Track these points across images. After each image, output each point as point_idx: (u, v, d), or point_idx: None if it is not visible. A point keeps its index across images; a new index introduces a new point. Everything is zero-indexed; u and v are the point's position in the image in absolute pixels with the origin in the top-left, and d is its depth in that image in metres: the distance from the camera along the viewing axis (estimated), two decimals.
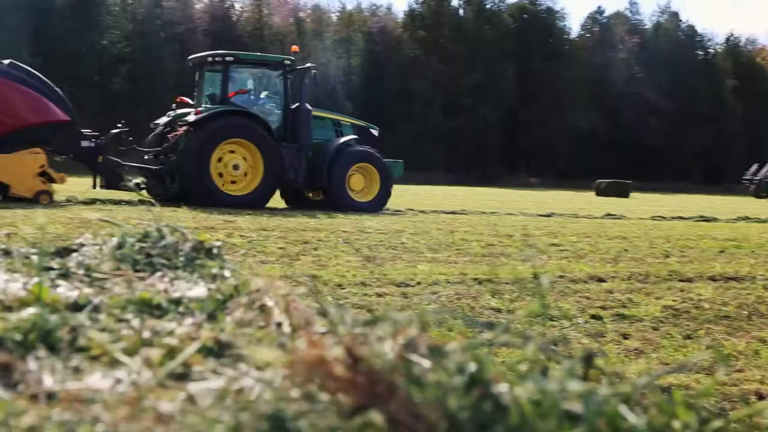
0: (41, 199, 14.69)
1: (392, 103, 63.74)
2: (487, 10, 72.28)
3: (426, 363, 0.61)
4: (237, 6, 72.21)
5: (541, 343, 0.70)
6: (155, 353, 0.89)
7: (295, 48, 18.45)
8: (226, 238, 10.20)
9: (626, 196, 40.20)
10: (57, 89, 15.95)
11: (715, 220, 19.81)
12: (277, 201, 18.65)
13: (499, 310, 6.26)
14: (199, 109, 16.64)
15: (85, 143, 15.96)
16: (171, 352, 0.90)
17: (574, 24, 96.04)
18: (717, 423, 0.60)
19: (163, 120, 17.65)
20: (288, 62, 17.69)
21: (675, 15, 78.40)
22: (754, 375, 4.66)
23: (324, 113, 18.58)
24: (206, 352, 0.89)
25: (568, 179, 59.12)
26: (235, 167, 16.33)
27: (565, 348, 5.05)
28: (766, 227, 17.91)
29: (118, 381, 0.81)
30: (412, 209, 18.87)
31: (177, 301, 1.22)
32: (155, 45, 60.96)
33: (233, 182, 16.43)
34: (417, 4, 71.72)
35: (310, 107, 17.44)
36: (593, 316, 6.23)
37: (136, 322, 1.08)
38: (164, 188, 16.50)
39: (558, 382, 0.59)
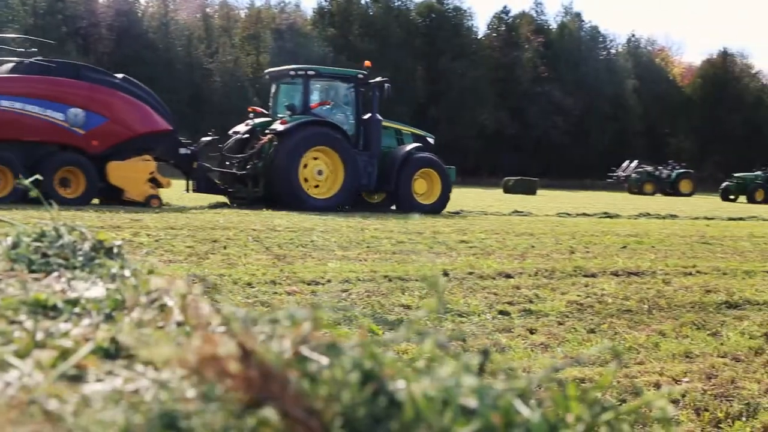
0: (152, 202, 16.21)
1: None
2: (396, 9, 72.62)
3: (321, 359, 0.60)
4: (142, 0, 70.87)
5: (440, 338, 0.70)
6: (48, 355, 0.86)
7: (368, 63, 19.58)
8: (132, 237, 10.01)
9: (533, 193, 40.94)
10: (160, 100, 17.46)
11: (617, 216, 20.37)
12: (195, 200, 18.38)
13: (408, 307, 6.30)
14: (285, 119, 17.75)
15: (183, 150, 17.39)
16: (65, 354, 0.87)
17: (480, 23, 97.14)
18: (608, 415, 0.61)
19: (241, 128, 18.84)
20: (361, 76, 18.99)
21: (578, 16, 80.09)
22: (654, 367, 4.80)
23: (387, 123, 19.55)
24: (102, 353, 0.86)
25: (476, 177, 59.82)
26: (320, 173, 17.74)
27: (465, 343, 5.10)
28: (665, 223, 18.47)
29: (8, 384, 0.78)
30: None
31: (74, 302, 1.19)
32: (57, 40, 59.28)
33: (316, 186, 17.78)
34: (326, 1, 71.64)
35: (380, 117, 18.80)
36: (501, 312, 6.32)
37: (29, 324, 1.05)
38: (248, 192, 17.93)
39: (454, 377, 0.59)
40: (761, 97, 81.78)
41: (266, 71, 20.29)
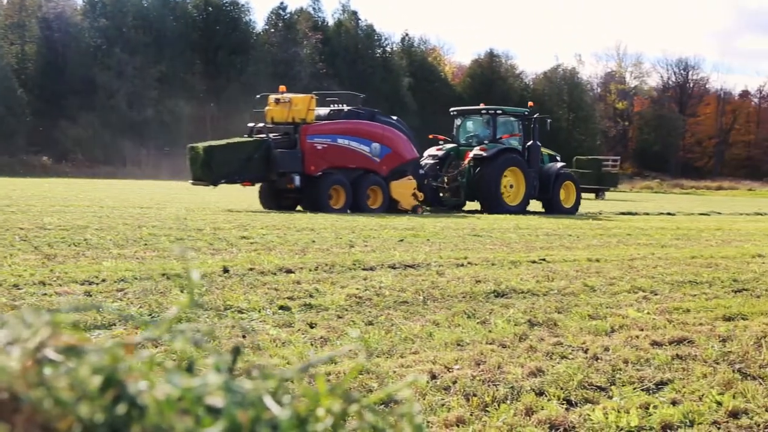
0: (418, 210, 21.35)
1: (74, 93, 60.69)
2: (171, 1, 70.83)
3: (60, 366, 0.58)
4: None
5: (192, 336, 0.69)
6: None
7: (531, 103, 26.16)
8: None
9: None
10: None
11: (397, 211, 21.09)
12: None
13: (197, 304, 6.18)
14: (484, 146, 23.19)
15: (421, 171, 22.26)
16: None
17: (258, 19, 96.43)
18: (355, 406, 0.63)
19: (435, 151, 24.28)
20: (526, 113, 24.63)
21: (354, 14, 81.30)
22: (428, 356, 4.98)
23: None
24: None
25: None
26: (511, 186, 23.15)
27: (216, 341, 5.08)
28: (439, 218, 19.22)
29: None
30: (101, 207, 18.15)
31: None
32: None
33: (508, 195, 23.08)
34: None
35: (539, 144, 24.11)
36: (282, 307, 6.34)
37: None
38: (450, 201, 23.36)
39: (201, 377, 0.59)
40: (524, 96, 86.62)
41: (452, 109, 26.02)
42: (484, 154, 22.81)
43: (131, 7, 67.06)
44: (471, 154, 23.08)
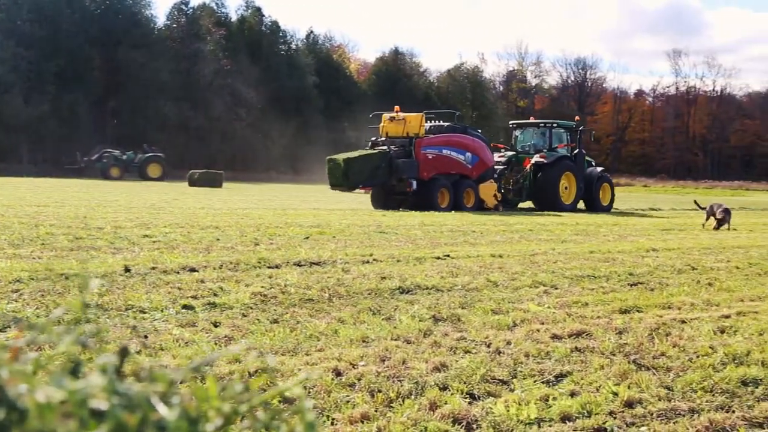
0: (499, 208, 24.92)
1: None
2: None
3: None
4: None
5: (80, 338, 0.68)
6: None
7: (577, 118, 29.96)
8: None
9: (219, 186, 40.79)
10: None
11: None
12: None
13: (88, 305, 6.04)
14: (544, 154, 27.11)
15: (495, 175, 25.82)
16: None
17: (160, 13, 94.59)
18: (244, 406, 0.63)
19: (497, 158, 27.01)
20: (573, 125, 28.50)
21: (258, 10, 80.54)
22: (333, 353, 4.98)
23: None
24: None
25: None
26: (566, 188, 26.99)
27: (102, 342, 5.00)
28: (345, 214, 19.25)
29: None
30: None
31: None
32: None
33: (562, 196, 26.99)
34: None
35: (585, 152, 28.32)
36: (185, 306, 6.26)
37: None
38: (515, 200, 26.84)
39: (85, 379, 0.58)
40: (429, 93, 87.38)
41: (511, 122, 30.95)
42: (545, 161, 26.68)
43: None
44: (532, 161, 26.85)
